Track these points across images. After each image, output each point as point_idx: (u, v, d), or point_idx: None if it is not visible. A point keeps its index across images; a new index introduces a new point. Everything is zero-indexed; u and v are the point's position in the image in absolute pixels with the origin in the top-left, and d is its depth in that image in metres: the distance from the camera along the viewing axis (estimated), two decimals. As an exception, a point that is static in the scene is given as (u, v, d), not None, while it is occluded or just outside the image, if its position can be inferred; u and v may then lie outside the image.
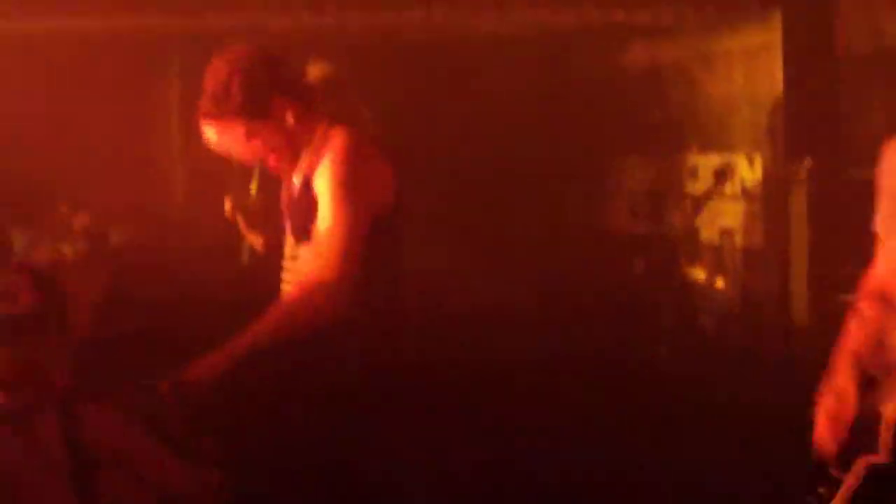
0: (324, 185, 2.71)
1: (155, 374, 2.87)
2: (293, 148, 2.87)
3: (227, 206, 3.23)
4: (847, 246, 3.75)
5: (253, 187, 3.14)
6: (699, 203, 4.62)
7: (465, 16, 4.92)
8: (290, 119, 2.81)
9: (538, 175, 5.39)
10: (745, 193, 4.30)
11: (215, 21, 4.65)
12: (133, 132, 4.97)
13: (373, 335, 2.81)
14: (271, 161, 2.97)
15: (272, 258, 3.17)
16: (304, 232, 2.83)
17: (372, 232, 2.72)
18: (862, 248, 3.63)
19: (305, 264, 2.77)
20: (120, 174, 4.87)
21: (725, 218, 4.44)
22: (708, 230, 4.59)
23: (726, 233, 4.44)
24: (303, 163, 2.82)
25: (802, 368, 3.94)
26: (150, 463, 2.56)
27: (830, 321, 3.68)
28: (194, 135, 3.44)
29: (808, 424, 3.51)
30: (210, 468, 2.63)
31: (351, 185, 2.69)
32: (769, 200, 4.16)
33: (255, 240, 3.26)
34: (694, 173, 4.67)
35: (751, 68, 4.22)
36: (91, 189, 4.60)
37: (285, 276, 2.90)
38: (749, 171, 4.26)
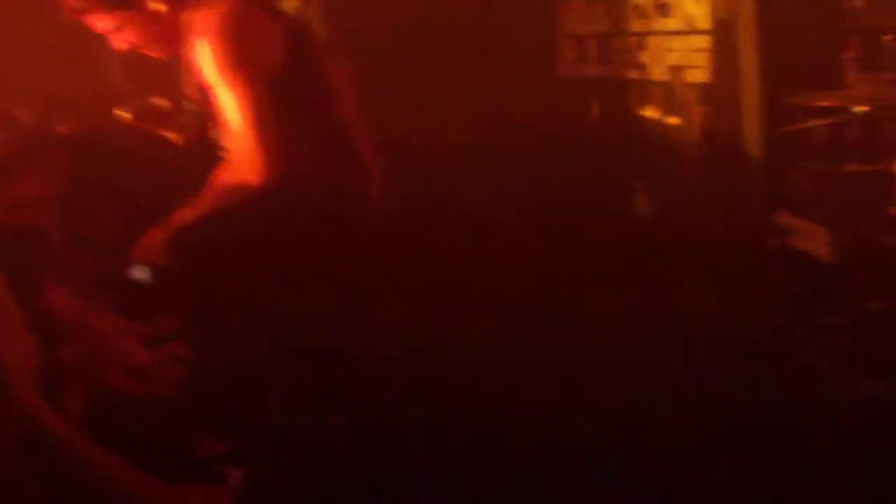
0: (207, 65, 2.67)
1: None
2: (174, 32, 2.82)
3: (127, 116, 3.21)
4: (798, 74, 3.75)
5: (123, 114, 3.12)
6: (642, 40, 4.58)
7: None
8: (157, 6, 2.76)
9: (485, 22, 5.28)
10: (692, 28, 4.25)
11: None
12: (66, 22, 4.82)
13: (318, 189, 2.83)
14: (155, 51, 2.93)
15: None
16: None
17: (274, 94, 2.70)
18: (813, 75, 3.65)
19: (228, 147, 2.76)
20: (56, 65, 4.76)
21: (673, 55, 4.41)
22: (657, 68, 4.55)
23: (675, 70, 4.41)
24: (190, 44, 2.77)
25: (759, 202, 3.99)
26: (111, 337, 2.58)
27: (783, 151, 3.74)
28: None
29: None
30: (174, 342, 2.67)
31: (234, 60, 2.66)
32: (717, 34, 4.12)
33: (173, 136, 3.24)
34: (641, 12, 4.60)
35: None
36: (29, 82, 4.49)
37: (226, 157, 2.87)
38: (694, 4, 4.20)
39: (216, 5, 2.72)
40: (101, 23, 2.85)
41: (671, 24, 4.37)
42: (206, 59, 2.67)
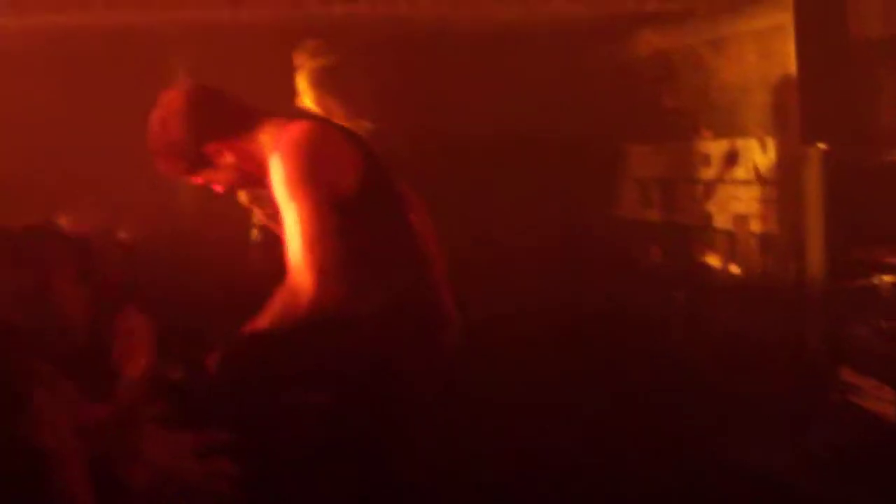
0: (278, 188, 2.69)
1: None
2: (247, 171, 2.87)
3: (243, 198, 3.26)
4: (863, 229, 3.73)
5: (241, 195, 3.18)
6: (710, 188, 4.59)
7: (475, 6, 4.90)
8: (229, 159, 2.82)
9: (551, 164, 5.36)
10: (759, 178, 4.26)
11: (222, 15, 4.64)
12: (139, 128, 4.97)
13: (381, 326, 2.79)
14: (248, 187, 2.99)
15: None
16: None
17: (343, 217, 2.68)
18: (879, 230, 3.63)
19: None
20: (128, 171, 4.87)
21: (739, 204, 4.41)
22: (721, 216, 4.55)
23: (740, 218, 4.40)
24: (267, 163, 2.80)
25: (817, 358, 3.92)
26: (164, 453, 2.56)
27: (847, 305, 3.69)
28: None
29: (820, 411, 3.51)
30: (223, 458, 2.64)
31: (300, 178, 2.66)
32: (783, 185, 4.12)
33: (277, 229, 3.27)
34: (706, 160, 4.63)
35: (763, 51, 4.18)
36: (100, 186, 4.60)
37: None
38: (762, 155, 4.22)
39: (294, 125, 2.76)
40: (194, 180, 2.93)
41: (739, 172, 4.38)
42: (276, 175, 2.69)
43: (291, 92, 3.88)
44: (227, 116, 2.82)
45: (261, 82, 3.15)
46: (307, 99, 3.84)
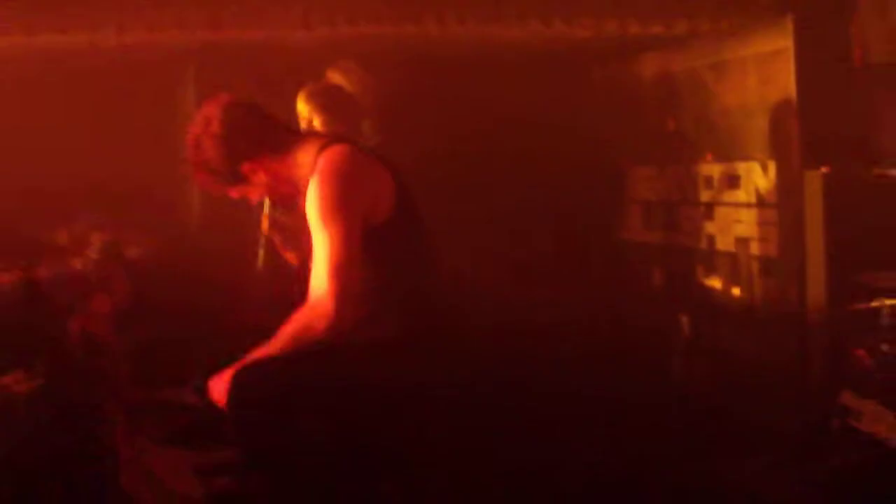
0: (311, 210, 2.72)
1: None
2: (281, 190, 2.91)
3: (265, 224, 3.30)
4: (864, 252, 3.74)
5: (264, 220, 3.22)
6: (710, 210, 4.61)
7: (478, 27, 4.94)
8: (263, 178, 2.85)
9: (554, 186, 5.39)
10: (760, 201, 4.28)
11: (231, 35, 4.69)
12: (149, 147, 5.01)
13: (406, 349, 2.80)
14: (283, 202, 3.03)
15: (295, 269, 3.20)
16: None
17: (372, 242, 2.71)
18: (880, 255, 3.64)
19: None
20: (137, 189, 4.90)
21: (740, 226, 4.43)
22: (723, 238, 4.57)
23: (741, 241, 4.43)
24: (302, 189, 2.83)
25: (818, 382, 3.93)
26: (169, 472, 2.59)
27: (848, 329, 3.70)
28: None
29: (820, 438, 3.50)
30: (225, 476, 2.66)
31: (337, 207, 2.69)
32: (784, 207, 4.14)
33: (290, 257, 3.30)
34: (708, 182, 4.65)
35: (764, 75, 4.21)
36: (107, 203, 4.63)
37: None
38: (763, 178, 4.25)
39: (332, 149, 2.79)
40: (211, 182, 2.95)
41: (740, 195, 4.41)
42: (311, 199, 2.72)
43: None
44: (262, 136, 2.85)
45: (272, 102, 3.16)
46: (315, 121, 3.87)
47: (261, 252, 3.43)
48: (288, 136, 2.92)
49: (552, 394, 4.36)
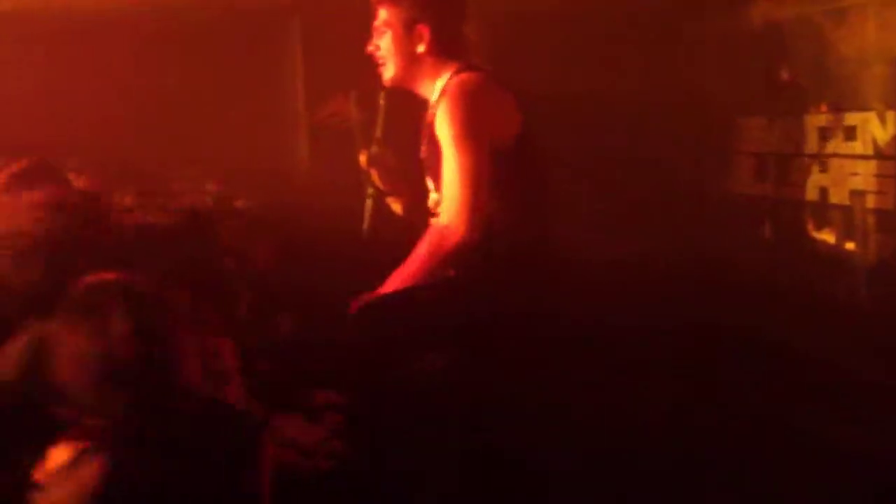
0: (443, 131, 2.78)
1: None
2: (414, 71, 2.95)
3: (363, 159, 3.30)
4: None
5: (378, 130, 3.21)
6: (826, 163, 4.48)
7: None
8: (422, 46, 2.90)
9: (662, 138, 5.30)
10: (878, 152, 4.15)
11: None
12: (257, 97, 5.08)
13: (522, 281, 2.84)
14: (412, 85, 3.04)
15: (408, 218, 3.21)
16: (440, 181, 2.90)
17: (498, 166, 2.76)
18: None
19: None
20: (246, 138, 4.98)
21: (856, 179, 4.30)
22: (838, 192, 4.44)
23: (857, 194, 4.30)
24: (432, 109, 2.88)
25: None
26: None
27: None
28: (317, 97, 3.43)
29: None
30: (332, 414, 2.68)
31: (468, 128, 2.78)
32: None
33: (394, 203, 3.32)
34: (824, 134, 4.52)
35: (884, 21, 4.05)
36: (217, 153, 4.71)
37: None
38: (881, 129, 4.10)
39: (463, 74, 2.85)
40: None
41: (857, 147, 4.27)
42: (441, 122, 2.80)
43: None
44: (453, 21, 2.99)
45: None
46: None
47: (368, 201, 3.41)
48: (458, 51, 3.01)
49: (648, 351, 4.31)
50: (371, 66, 3.13)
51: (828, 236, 4.53)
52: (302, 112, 5.27)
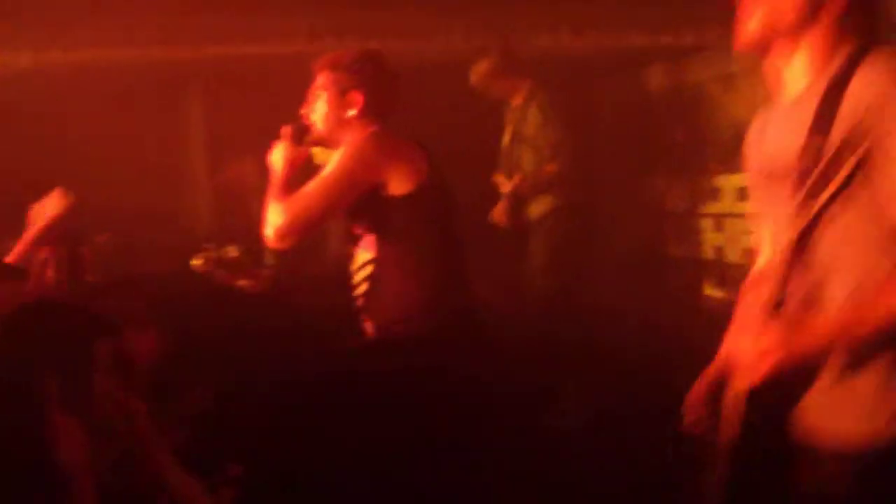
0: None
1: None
2: (339, 134, 2.98)
3: (198, 262, 3.31)
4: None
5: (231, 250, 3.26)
6: (720, 223, 4.59)
7: (486, 40, 4.94)
8: (353, 108, 2.92)
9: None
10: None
11: (237, 49, 4.73)
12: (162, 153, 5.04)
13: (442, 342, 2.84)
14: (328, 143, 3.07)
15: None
16: (352, 236, 2.93)
17: (391, 206, 2.83)
18: None
19: None
20: (148, 194, 4.93)
21: (749, 238, 4.41)
22: (732, 250, 4.55)
23: (749, 252, 4.40)
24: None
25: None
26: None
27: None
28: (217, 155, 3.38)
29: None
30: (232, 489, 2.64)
31: (343, 163, 2.82)
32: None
33: (244, 284, 3.33)
34: (715, 194, 4.64)
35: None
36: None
37: (358, 287, 2.95)
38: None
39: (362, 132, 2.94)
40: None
41: (748, 206, 4.38)
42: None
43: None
44: (385, 89, 3.00)
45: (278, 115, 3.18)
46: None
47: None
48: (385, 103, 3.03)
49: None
50: (270, 131, 3.13)
51: (724, 294, 4.64)
52: (203, 170, 5.26)
